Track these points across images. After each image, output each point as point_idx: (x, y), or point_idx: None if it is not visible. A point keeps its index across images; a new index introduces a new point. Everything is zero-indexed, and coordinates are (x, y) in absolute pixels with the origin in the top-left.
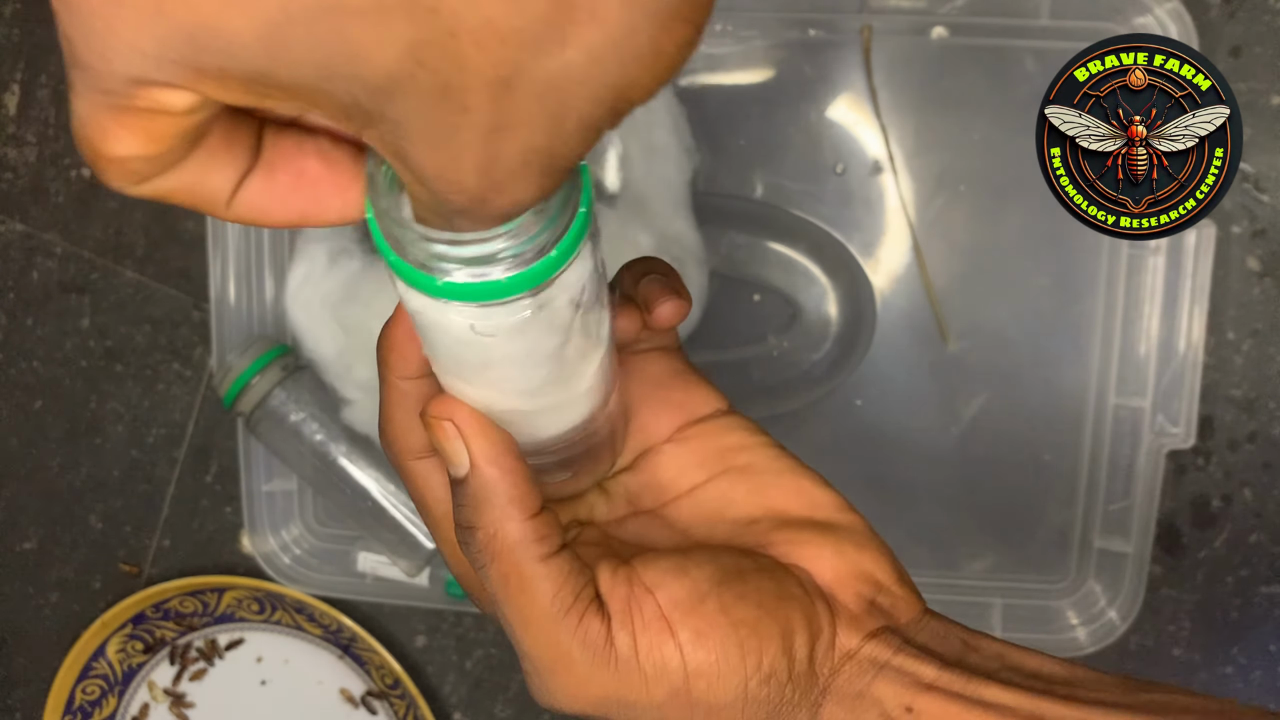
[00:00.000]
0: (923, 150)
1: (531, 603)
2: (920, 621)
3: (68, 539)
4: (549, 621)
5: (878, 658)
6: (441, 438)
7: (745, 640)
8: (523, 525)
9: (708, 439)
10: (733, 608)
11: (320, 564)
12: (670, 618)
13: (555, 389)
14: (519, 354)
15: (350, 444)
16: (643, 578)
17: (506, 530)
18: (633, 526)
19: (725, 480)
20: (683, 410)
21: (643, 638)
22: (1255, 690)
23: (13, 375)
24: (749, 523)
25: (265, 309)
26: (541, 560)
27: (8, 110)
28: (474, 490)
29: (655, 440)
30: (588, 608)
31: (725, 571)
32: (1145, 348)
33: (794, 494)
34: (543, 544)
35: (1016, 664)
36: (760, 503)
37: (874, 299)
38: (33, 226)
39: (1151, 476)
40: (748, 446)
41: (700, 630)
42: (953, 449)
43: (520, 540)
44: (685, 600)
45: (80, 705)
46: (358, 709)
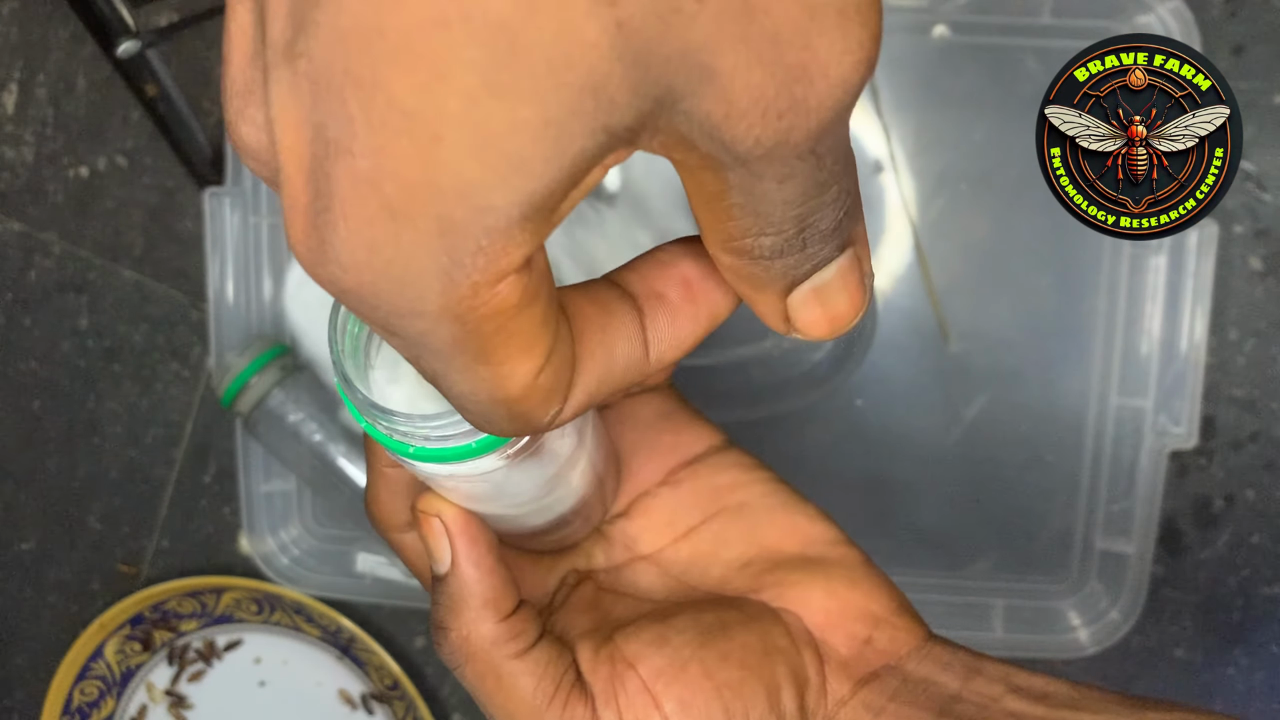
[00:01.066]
0: (924, 149)
1: (511, 699)
2: (923, 650)
3: (66, 539)
4: (533, 714)
5: (872, 704)
6: (428, 533)
7: (730, 704)
8: (495, 627)
9: (701, 480)
10: (716, 670)
11: (319, 564)
12: (654, 690)
13: (542, 500)
14: (500, 489)
15: (349, 444)
16: (624, 652)
17: (480, 632)
18: (629, 575)
19: (719, 521)
20: (675, 452)
21: (628, 714)
22: (1257, 691)
23: (10, 375)
24: (743, 565)
25: (264, 309)
26: (517, 657)
27: (5, 109)
28: (452, 590)
29: (648, 485)
30: (570, 693)
31: (708, 632)
32: (1147, 348)
33: (788, 531)
34: (517, 641)
35: (1023, 685)
36: (754, 541)
37: (874, 299)
38: (30, 226)
39: (1153, 477)
40: (741, 484)
41: (684, 699)
42: (954, 449)
43: (494, 641)
44: (668, 670)
45: (78, 706)
46: (356, 710)
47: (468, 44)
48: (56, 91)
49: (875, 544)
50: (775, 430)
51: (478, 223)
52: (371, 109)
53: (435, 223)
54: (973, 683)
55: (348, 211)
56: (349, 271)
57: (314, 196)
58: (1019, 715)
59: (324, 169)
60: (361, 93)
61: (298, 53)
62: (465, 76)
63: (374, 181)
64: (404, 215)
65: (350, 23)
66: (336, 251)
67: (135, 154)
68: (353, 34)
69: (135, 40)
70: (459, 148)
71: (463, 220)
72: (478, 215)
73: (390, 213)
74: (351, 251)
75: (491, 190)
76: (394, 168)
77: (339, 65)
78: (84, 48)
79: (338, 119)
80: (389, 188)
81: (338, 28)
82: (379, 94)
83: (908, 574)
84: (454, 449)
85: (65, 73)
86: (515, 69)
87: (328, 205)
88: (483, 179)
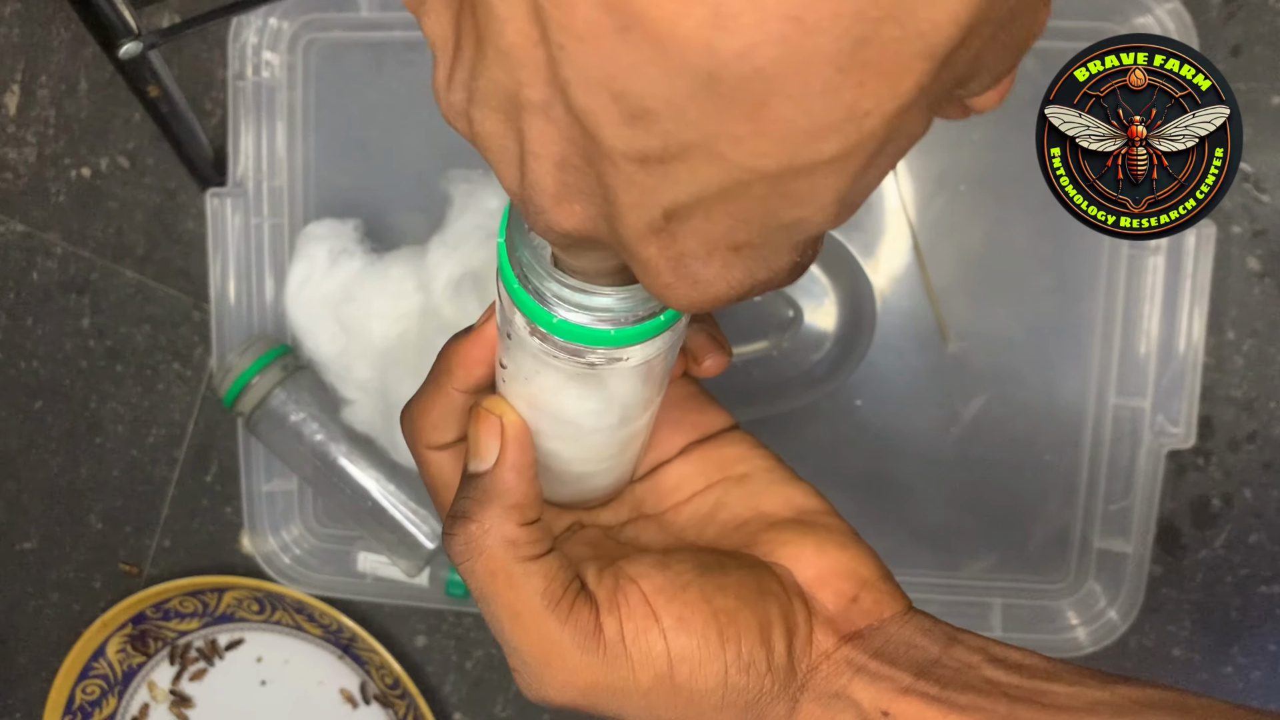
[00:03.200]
0: (923, 150)
1: (519, 597)
2: (905, 616)
3: (68, 539)
4: (538, 613)
5: (855, 660)
6: (482, 429)
7: (725, 628)
8: (517, 529)
9: (711, 452)
10: (713, 596)
11: (320, 564)
12: (654, 604)
13: (610, 444)
14: (604, 409)
15: (350, 444)
16: (627, 571)
17: (502, 530)
18: (630, 530)
19: (721, 488)
20: (695, 429)
21: (629, 624)
22: (1255, 690)
23: (13, 375)
24: (739, 525)
25: (265, 309)
26: (530, 560)
27: (8, 111)
28: (485, 486)
29: (667, 456)
30: (576, 598)
31: (706, 565)
32: (1145, 348)
33: (783, 500)
34: (533, 546)
35: (1000, 656)
36: (751, 506)
37: (874, 299)
38: (33, 226)
39: (1152, 476)
40: (746, 458)
41: (682, 616)
42: (953, 449)
43: (512, 541)
44: (668, 588)
45: (80, 705)
46: (357, 709)
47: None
48: (58, 93)
49: (874, 543)
50: (775, 430)
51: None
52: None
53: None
54: (952, 650)
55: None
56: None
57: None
58: (995, 682)
59: None
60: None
61: None
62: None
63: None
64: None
65: None
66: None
67: (137, 155)
68: None
69: (137, 41)
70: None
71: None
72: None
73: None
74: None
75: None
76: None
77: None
78: (86, 49)
79: None
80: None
81: None
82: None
83: (907, 573)
84: (647, 325)
85: (67, 74)
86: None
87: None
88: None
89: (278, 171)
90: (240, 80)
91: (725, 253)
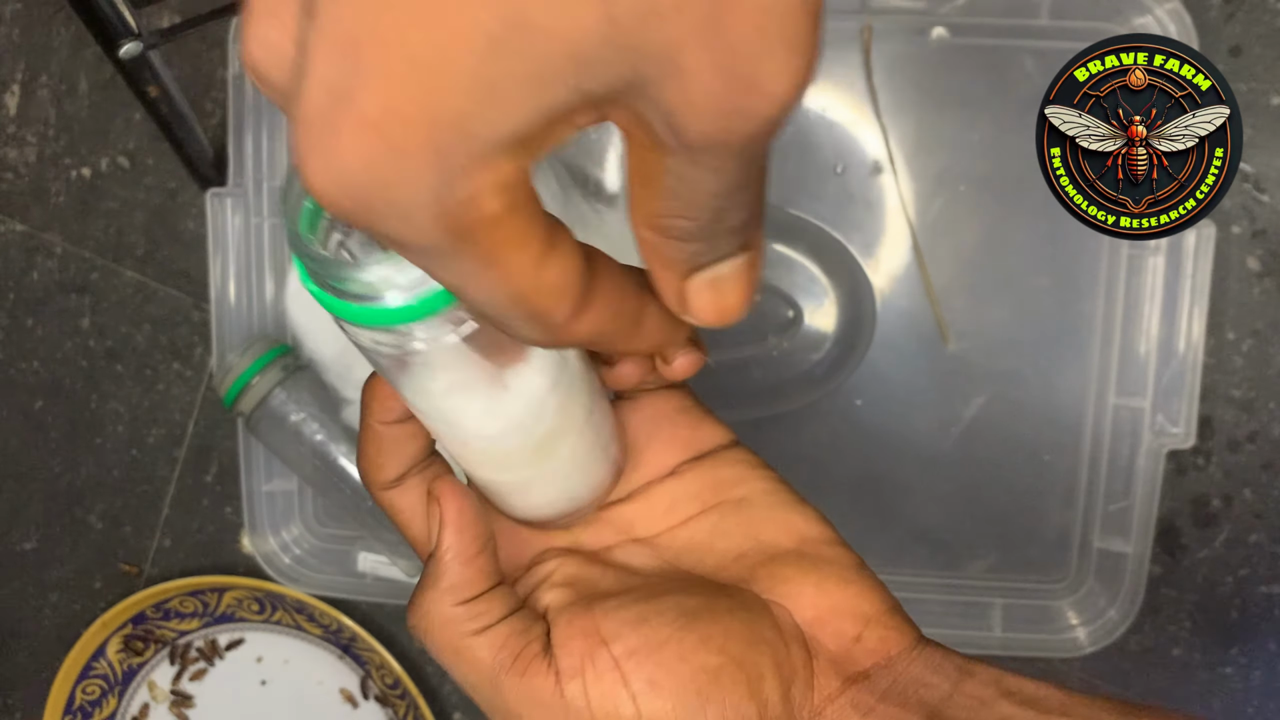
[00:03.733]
0: (923, 150)
1: (473, 669)
2: (914, 652)
3: (68, 539)
4: (492, 681)
5: (861, 703)
6: (430, 513)
7: (704, 688)
8: (454, 609)
9: (706, 472)
10: (693, 654)
11: (320, 564)
12: (624, 668)
13: (531, 451)
14: (448, 396)
15: (350, 444)
16: (600, 627)
17: (440, 611)
18: (621, 554)
19: (718, 512)
20: (688, 446)
21: (594, 688)
22: (1255, 690)
23: (13, 375)
24: (737, 555)
25: (265, 309)
26: (474, 635)
27: (8, 111)
28: (428, 569)
29: (658, 475)
30: (531, 663)
31: (692, 614)
32: (1145, 348)
33: (785, 528)
34: (477, 620)
35: (1014, 689)
36: (751, 535)
37: (874, 299)
38: (33, 226)
39: (1151, 476)
40: (744, 480)
41: (655, 679)
42: (953, 449)
43: (452, 619)
44: (642, 648)
45: (80, 705)
46: (357, 709)
47: (487, 13)
48: (59, 93)
49: (874, 543)
50: (775, 430)
51: (463, 148)
52: (388, 59)
53: (431, 150)
54: (964, 685)
55: (355, 139)
56: (352, 190)
57: (325, 121)
58: (1010, 718)
59: (339, 102)
60: (382, 47)
61: (337, 13)
62: (477, 38)
63: (382, 116)
64: (402, 145)
65: None
66: (340, 171)
67: (137, 155)
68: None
69: (137, 41)
70: (457, 90)
71: (451, 145)
72: (464, 141)
73: (391, 142)
74: (353, 172)
75: (478, 123)
76: (400, 106)
77: (368, 23)
78: (86, 49)
79: (357, 65)
80: (393, 123)
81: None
82: (396, 48)
83: (907, 573)
84: (406, 306)
85: (67, 74)
86: (520, 36)
87: (336, 130)
88: (472, 113)
89: (278, 171)
90: (240, 80)
91: None
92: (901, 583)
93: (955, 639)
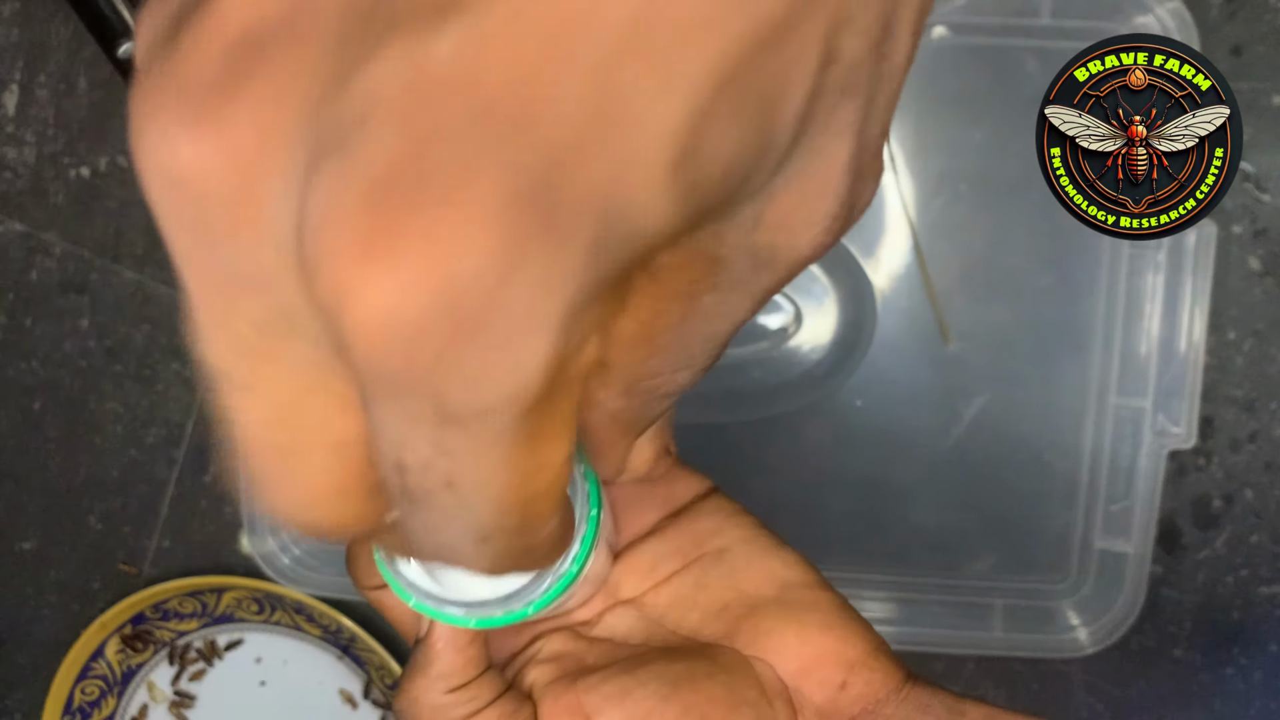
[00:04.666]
0: (923, 150)
1: None
2: (901, 693)
3: (66, 539)
4: None
5: None
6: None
7: None
8: (443, 697)
9: (684, 527)
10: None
11: (320, 564)
12: None
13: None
14: None
15: None
16: (584, 705)
17: (428, 698)
18: (608, 619)
19: (699, 566)
20: (666, 502)
21: None
22: (1256, 691)
23: (11, 375)
24: (720, 609)
25: None
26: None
27: (6, 110)
28: (417, 655)
29: (638, 534)
30: None
31: (674, 683)
32: (1146, 348)
33: (764, 575)
34: (463, 706)
35: None
36: (732, 585)
37: (874, 299)
38: (31, 226)
39: (1152, 477)
40: (722, 529)
41: None
42: (953, 449)
43: (439, 706)
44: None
45: (79, 706)
46: (357, 709)
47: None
48: (57, 92)
49: (874, 543)
50: (775, 430)
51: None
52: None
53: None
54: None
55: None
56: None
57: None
58: None
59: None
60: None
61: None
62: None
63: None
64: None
65: None
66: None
67: None
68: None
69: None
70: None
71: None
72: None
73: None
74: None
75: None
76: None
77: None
78: (85, 48)
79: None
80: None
81: None
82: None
83: (907, 574)
84: (488, 619)
85: (66, 73)
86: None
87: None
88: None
89: None
90: None
91: None
92: (901, 584)
93: (956, 640)
